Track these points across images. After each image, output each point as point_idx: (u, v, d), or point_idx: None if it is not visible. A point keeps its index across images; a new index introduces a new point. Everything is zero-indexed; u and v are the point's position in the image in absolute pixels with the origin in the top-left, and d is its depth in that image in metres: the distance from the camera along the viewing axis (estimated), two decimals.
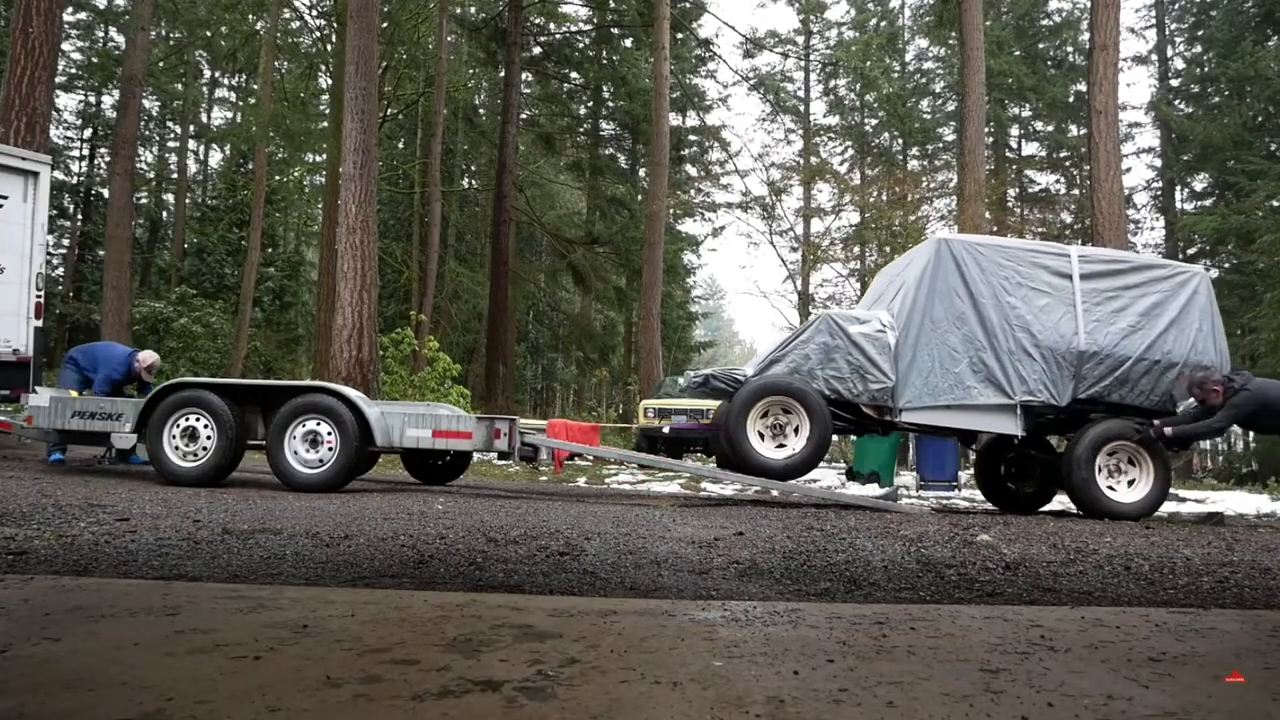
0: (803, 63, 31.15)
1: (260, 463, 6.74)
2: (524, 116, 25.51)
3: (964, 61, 15.56)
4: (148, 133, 30.64)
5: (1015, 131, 31.48)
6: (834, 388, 6.24)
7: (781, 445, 6.31)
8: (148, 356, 7.69)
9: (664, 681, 1.91)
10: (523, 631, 2.32)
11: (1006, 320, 6.28)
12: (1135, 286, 6.44)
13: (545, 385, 39.28)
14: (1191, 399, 6.16)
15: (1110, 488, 6.17)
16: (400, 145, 29.02)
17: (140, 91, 17.99)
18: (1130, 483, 6.21)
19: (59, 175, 27.31)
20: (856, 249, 27.51)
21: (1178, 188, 29.23)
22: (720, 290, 59.17)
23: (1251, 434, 28.99)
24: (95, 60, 29.68)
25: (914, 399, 6.26)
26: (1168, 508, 8.49)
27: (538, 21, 25.56)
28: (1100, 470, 6.15)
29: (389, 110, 22.78)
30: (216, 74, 32.56)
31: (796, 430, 6.26)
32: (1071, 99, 28.07)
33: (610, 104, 28.88)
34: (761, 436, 6.27)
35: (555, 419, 11.07)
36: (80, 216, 29.06)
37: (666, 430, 12.31)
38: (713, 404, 9.40)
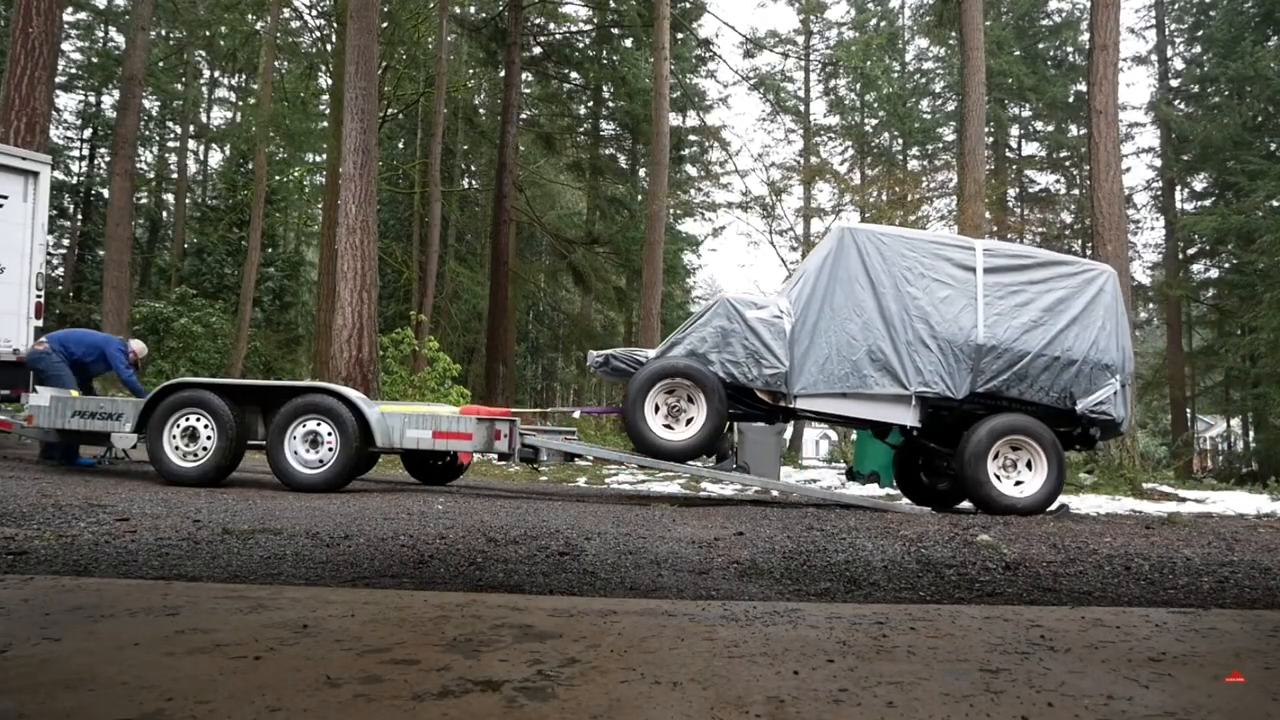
0: (803, 63, 31.14)
1: (260, 463, 6.74)
2: (524, 116, 25.46)
3: (964, 61, 15.54)
4: (148, 133, 30.62)
5: (1015, 131, 31.45)
6: (729, 371, 6.20)
7: (679, 427, 6.33)
8: (140, 347, 7.80)
9: (664, 681, 1.91)
10: (523, 631, 2.32)
11: (906, 310, 6.21)
12: (1040, 282, 6.36)
13: (545, 385, 39.25)
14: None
15: (1003, 481, 6.10)
16: (400, 145, 28.99)
17: (140, 91, 17.99)
18: (1024, 479, 6.14)
19: (59, 175, 27.29)
20: None
21: (1178, 188, 29.20)
22: (720, 290, 59.10)
23: (1251, 434, 29.01)
24: (95, 60, 29.67)
25: (809, 385, 6.22)
26: (1167, 508, 8.49)
27: (538, 21, 25.52)
28: (993, 465, 6.08)
29: (389, 110, 22.76)
30: (216, 74, 32.53)
31: (696, 413, 6.29)
32: (1071, 99, 28.05)
33: (610, 104, 28.84)
34: (663, 419, 6.28)
35: (469, 405, 10.64)
36: (80, 216, 29.06)
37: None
38: None
